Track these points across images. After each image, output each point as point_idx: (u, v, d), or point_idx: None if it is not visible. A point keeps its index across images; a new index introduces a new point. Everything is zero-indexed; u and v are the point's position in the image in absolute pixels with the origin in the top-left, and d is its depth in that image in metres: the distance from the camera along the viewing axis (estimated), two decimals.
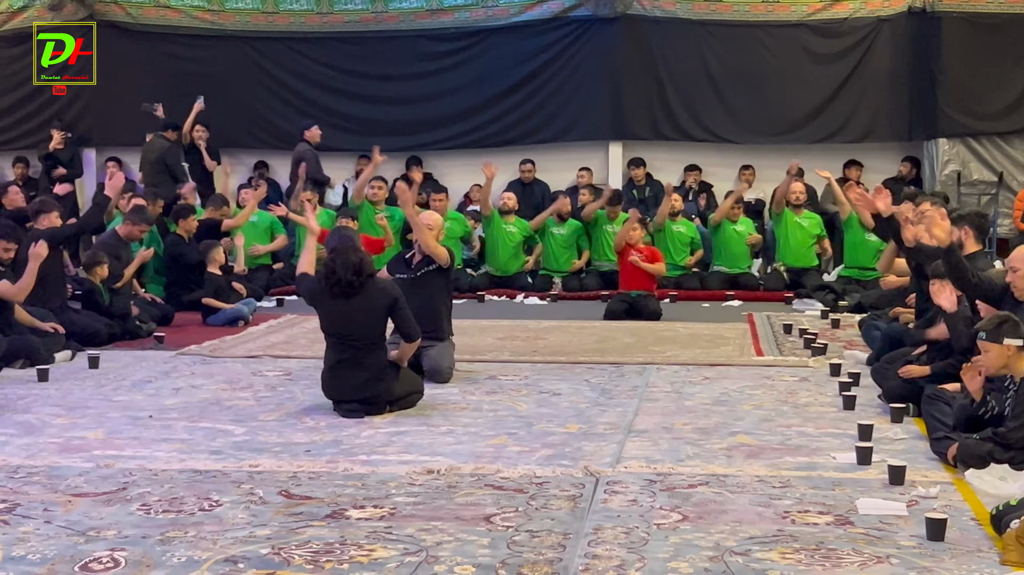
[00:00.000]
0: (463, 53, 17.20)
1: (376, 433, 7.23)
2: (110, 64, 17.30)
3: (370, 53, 17.25)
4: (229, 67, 17.26)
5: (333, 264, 7.79)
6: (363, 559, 4.84)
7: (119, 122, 16.95)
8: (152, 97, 16.57)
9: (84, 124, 17.46)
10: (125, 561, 4.82)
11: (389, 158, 17.09)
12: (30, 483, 6.05)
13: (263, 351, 10.34)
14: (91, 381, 8.99)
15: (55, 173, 16.66)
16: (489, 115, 16.99)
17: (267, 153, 17.50)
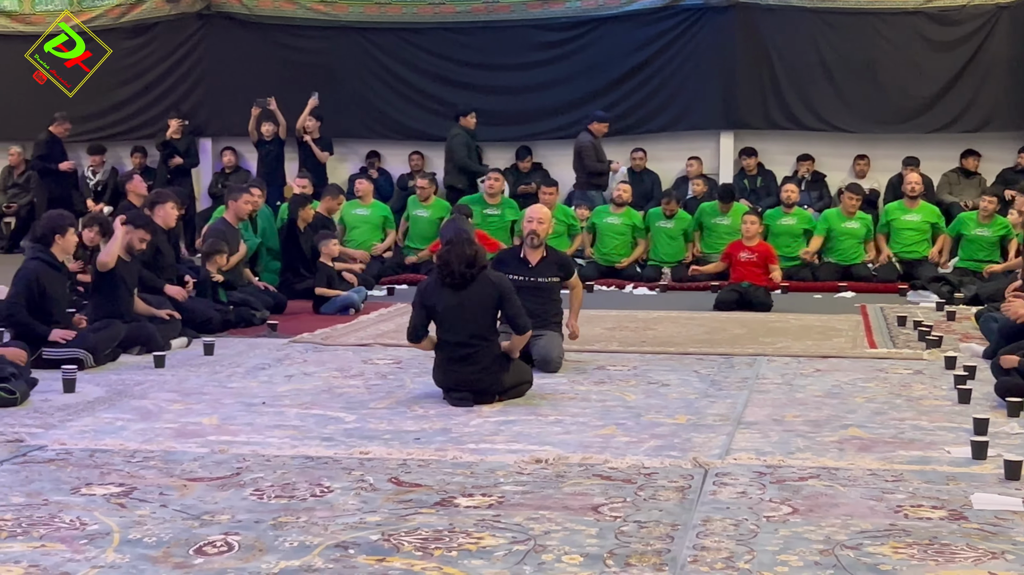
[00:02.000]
0: (574, 42, 17.18)
1: (485, 422, 7.26)
2: (225, 55, 17.58)
3: (481, 43, 17.31)
4: (342, 58, 17.43)
5: (447, 255, 7.84)
6: (471, 547, 4.87)
7: (234, 112, 17.19)
8: (266, 88, 16.78)
9: (200, 114, 17.75)
10: (238, 545, 4.89)
11: (499, 148, 17.20)
12: (147, 467, 6.17)
13: (374, 339, 10.42)
14: (206, 368, 9.13)
15: (172, 162, 16.95)
16: (600, 104, 16.94)
17: (379, 143, 17.64)
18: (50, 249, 9.21)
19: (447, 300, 7.82)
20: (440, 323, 7.91)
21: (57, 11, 18.10)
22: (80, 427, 7.08)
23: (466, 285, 7.78)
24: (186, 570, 4.58)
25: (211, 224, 13.03)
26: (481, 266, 7.84)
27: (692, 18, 16.84)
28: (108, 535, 5.00)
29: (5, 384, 7.65)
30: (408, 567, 4.62)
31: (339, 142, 17.20)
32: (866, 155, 16.61)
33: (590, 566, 4.64)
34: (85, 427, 7.08)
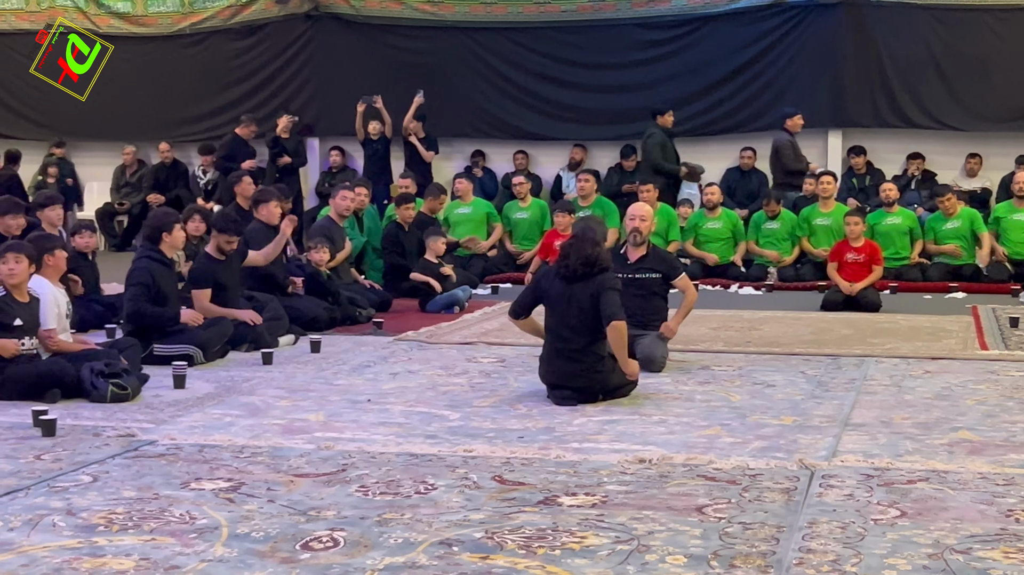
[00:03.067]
0: (680, 41, 17.09)
1: (588, 421, 7.25)
2: (333, 55, 17.76)
3: (586, 42, 17.29)
4: (448, 57, 17.51)
5: (569, 248, 7.84)
6: (575, 546, 4.86)
7: (341, 112, 17.35)
8: (372, 88, 16.92)
9: (309, 114, 17.94)
10: (344, 541, 4.93)
11: (603, 147, 17.17)
12: (254, 463, 6.25)
13: (478, 338, 10.46)
14: (312, 365, 9.23)
15: (280, 161, 17.15)
16: (706, 103, 16.85)
17: (484, 142, 17.70)
18: (159, 246, 9.38)
19: (559, 290, 7.82)
20: (549, 313, 7.91)
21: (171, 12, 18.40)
22: (190, 423, 7.20)
23: (580, 280, 7.77)
24: (292, 565, 4.63)
25: (317, 222, 13.16)
26: (600, 268, 7.80)
27: (799, 15, 16.67)
28: (216, 529, 5.08)
29: (117, 380, 7.80)
30: (511, 565, 4.63)
31: (444, 141, 17.29)
32: (978, 153, 16.33)
33: (694, 567, 4.61)
34: (195, 423, 7.20)
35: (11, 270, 7.83)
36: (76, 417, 7.29)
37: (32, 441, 6.68)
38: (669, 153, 15.78)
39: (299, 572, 4.55)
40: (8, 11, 18.89)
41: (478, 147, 17.70)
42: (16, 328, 7.83)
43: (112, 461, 6.25)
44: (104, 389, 7.74)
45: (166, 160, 17.98)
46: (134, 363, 8.30)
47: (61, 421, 6.96)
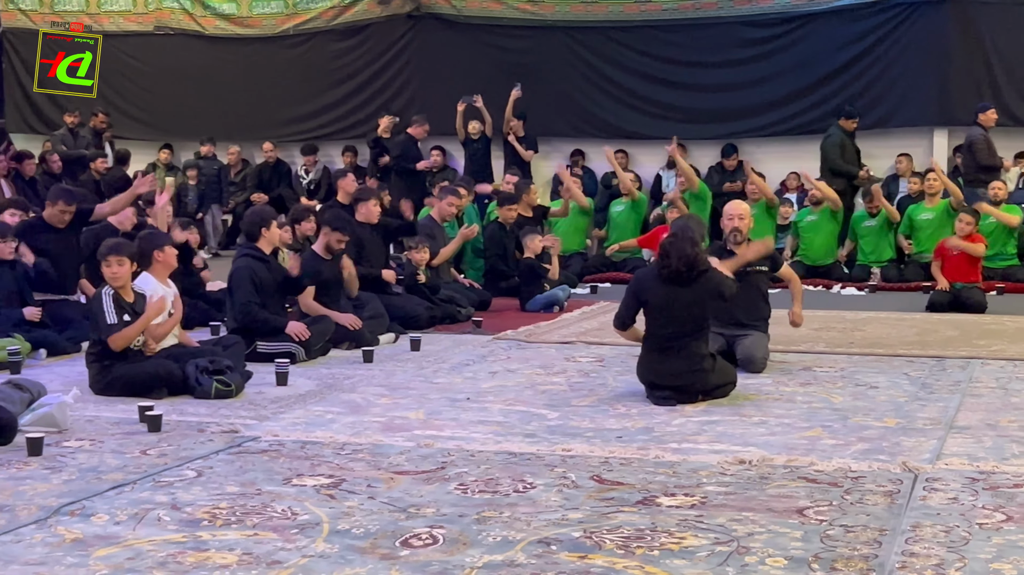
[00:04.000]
0: (782, 39, 16.94)
1: (688, 421, 7.22)
2: (434, 55, 17.84)
3: (688, 40, 17.20)
4: (548, 57, 17.51)
5: (669, 247, 7.79)
6: (673, 546, 4.85)
7: (442, 112, 17.42)
8: (473, 87, 16.98)
9: (410, 114, 18.03)
10: (443, 538, 4.96)
11: (704, 146, 17.08)
12: (355, 460, 6.30)
13: (577, 337, 10.46)
14: (412, 363, 9.28)
15: (381, 161, 17.27)
16: (808, 102, 16.68)
17: (583, 141, 17.67)
18: (256, 243, 9.50)
19: (660, 293, 7.77)
20: (650, 315, 7.87)
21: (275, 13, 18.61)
22: (292, 419, 7.28)
23: (683, 284, 7.73)
24: (392, 562, 4.67)
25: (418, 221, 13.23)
26: (701, 269, 7.76)
27: (904, 13, 16.44)
28: (318, 525, 5.13)
29: (221, 376, 7.91)
30: (610, 565, 4.63)
31: (544, 140, 17.30)
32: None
33: (794, 569, 4.57)
34: (297, 419, 7.28)
35: (114, 273, 7.99)
36: (181, 413, 7.41)
37: (138, 436, 6.80)
38: (849, 154, 15.63)
39: (399, 569, 4.58)
40: (116, 13, 19.23)
41: (577, 146, 17.68)
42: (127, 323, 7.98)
43: (216, 457, 6.34)
44: (208, 386, 7.86)
45: (270, 160, 18.19)
46: (238, 360, 8.41)
47: (166, 417, 7.07)
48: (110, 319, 7.91)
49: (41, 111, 19.21)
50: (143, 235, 9.18)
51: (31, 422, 6.82)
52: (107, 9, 19.23)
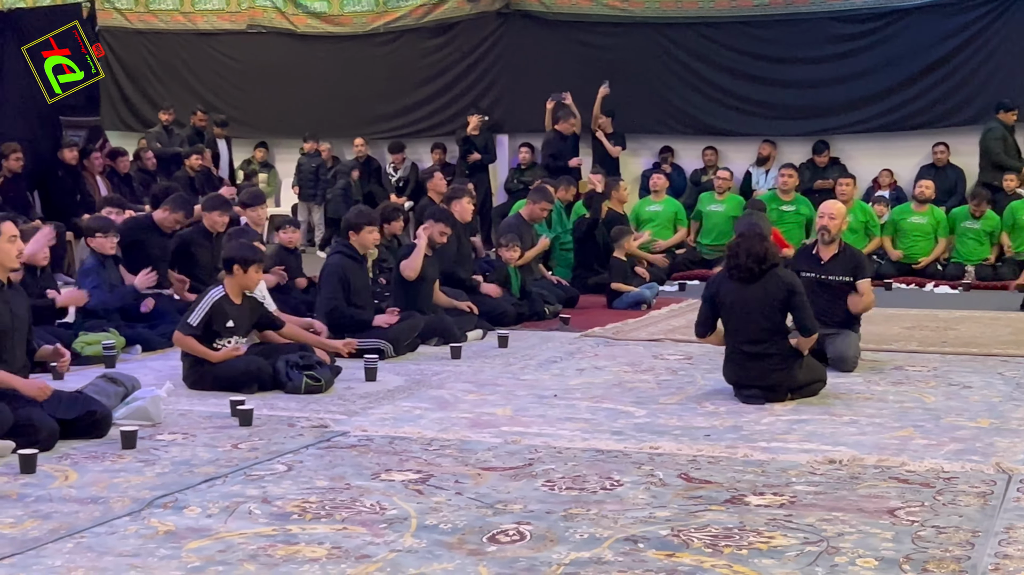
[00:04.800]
0: (874, 35, 16.73)
1: (777, 420, 7.16)
2: (523, 52, 17.85)
3: (778, 36, 17.04)
4: (638, 53, 17.44)
5: (737, 248, 7.76)
6: (762, 546, 4.81)
7: (531, 109, 17.43)
8: (562, 84, 16.97)
9: (498, 111, 18.07)
10: (530, 535, 4.97)
11: (795, 143, 16.93)
12: (443, 455, 6.33)
13: (665, 335, 10.42)
14: (500, 359, 9.30)
15: (470, 158, 17.32)
16: (900, 98, 16.46)
17: (672, 138, 17.60)
18: (350, 242, 9.58)
19: (734, 294, 7.74)
20: (727, 318, 7.84)
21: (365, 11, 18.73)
22: (381, 415, 7.33)
23: (754, 280, 7.69)
24: (480, 557, 4.68)
25: (506, 219, 13.26)
26: (771, 263, 7.71)
27: (1000, 8, 16.15)
28: (406, 520, 5.16)
29: (311, 372, 7.98)
30: (697, 563, 4.61)
31: (632, 137, 17.24)
32: None
33: (885, 570, 4.53)
34: (385, 415, 7.32)
35: (252, 280, 8.15)
36: (272, 407, 7.49)
37: (230, 430, 6.88)
38: (1011, 149, 15.43)
39: (486, 564, 4.60)
40: (210, 11, 19.47)
41: (666, 143, 17.61)
42: (228, 328, 8.10)
43: (306, 451, 6.40)
44: (299, 381, 7.93)
45: (360, 157, 18.31)
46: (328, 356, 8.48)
47: (257, 411, 7.15)
48: (193, 319, 8.04)
49: (136, 109, 19.49)
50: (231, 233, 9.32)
51: (125, 415, 6.93)
52: (201, 8, 19.47)
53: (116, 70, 19.42)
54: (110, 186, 15.24)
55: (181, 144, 17.36)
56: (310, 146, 18.41)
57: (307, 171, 18.44)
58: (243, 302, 8.24)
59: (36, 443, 6.18)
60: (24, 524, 5.09)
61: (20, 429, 6.28)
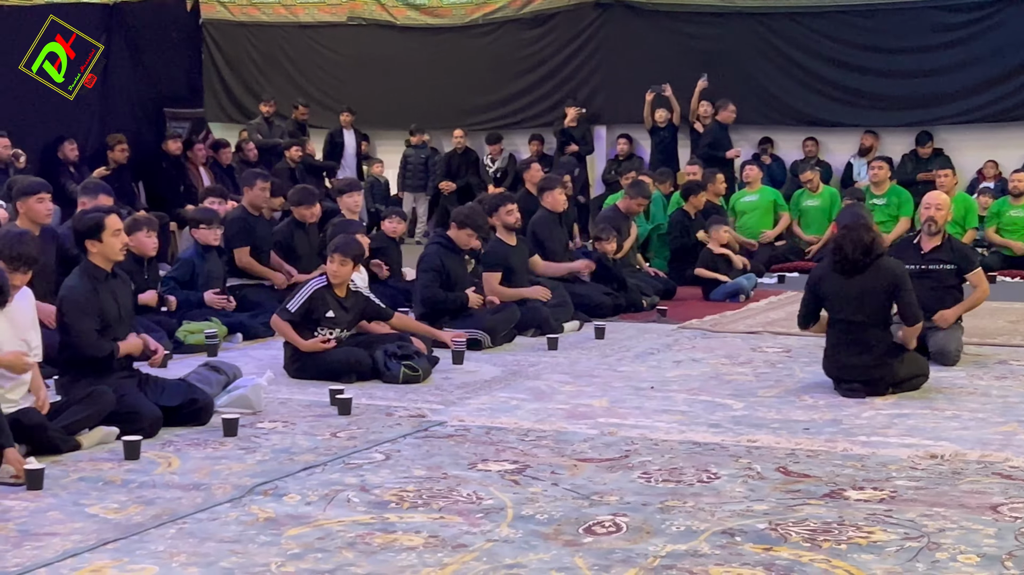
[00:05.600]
0: (980, 23, 16.43)
1: (877, 414, 7.08)
2: (621, 43, 17.80)
3: (881, 26, 16.80)
4: (736, 44, 17.30)
5: (842, 240, 7.67)
6: (861, 541, 4.77)
7: (629, 100, 17.37)
8: (660, 75, 16.90)
9: (596, 102, 18.04)
10: (626, 526, 4.96)
11: (897, 133, 16.70)
12: (539, 446, 6.34)
13: (763, 327, 10.34)
14: (596, 351, 9.30)
15: (567, 150, 17.31)
16: (1006, 88, 16.16)
17: (772, 129, 17.45)
18: (449, 234, 9.62)
19: (839, 286, 7.67)
20: (831, 309, 7.76)
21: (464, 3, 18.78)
22: (478, 405, 7.36)
23: (860, 271, 7.60)
24: (576, 548, 4.69)
25: (603, 211, 13.24)
26: (877, 254, 7.63)
27: None
28: (502, 510, 5.18)
29: (409, 362, 8.03)
30: (795, 558, 4.58)
31: (732, 128, 17.08)
32: None
33: (987, 567, 4.46)
34: (482, 405, 7.35)
35: (335, 272, 8.18)
36: (370, 397, 7.55)
37: (329, 419, 6.95)
38: None
39: (582, 555, 4.60)
40: (311, 4, 19.63)
41: (766, 134, 17.47)
42: (328, 319, 8.17)
43: (403, 440, 6.45)
44: (396, 371, 7.99)
45: (458, 148, 18.37)
46: (425, 346, 8.54)
47: (356, 400, 7.22)
48: (292, 305, 8.13)
49: (239, 100, 19.72)
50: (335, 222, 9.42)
51: (227, 403, 7.03)
52: (302, 0, 19.64)
53: (219, 62, 19.66)
54: (212, 177, 15.46)
55: (282, 135, 17.55)
56: (417, 138, 18.50)
57: (414, 163, 18.54)
58: (347, 295, 8.30)
59: (140, 430, 6.30)
60: (128, 509, 5.18)
61: (124, 416, 6.41)
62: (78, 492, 5.46)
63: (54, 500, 5.32)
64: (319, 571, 4.43)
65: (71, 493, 5.44)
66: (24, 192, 8.64)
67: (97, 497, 5.38)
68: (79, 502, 5.30)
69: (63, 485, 5.56)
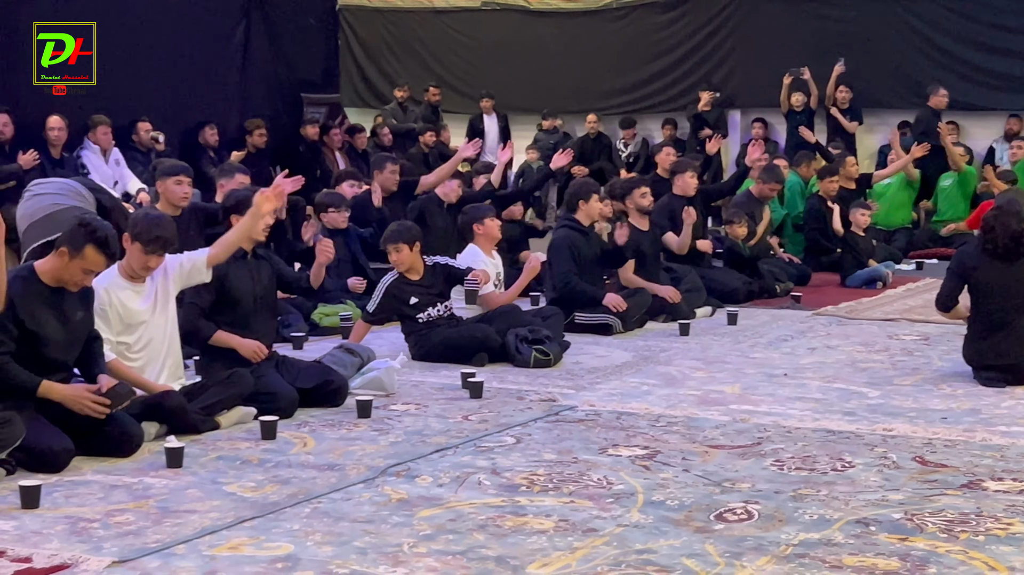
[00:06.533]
0: None
1: (1018, 404, 6.93)
2: (756, 26, 17.58)
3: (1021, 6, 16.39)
4: (875, 26, 16.97)
5: (993, 221, 7.49)
6: (999, 532, 4.68)
7: (764, 84, 17.17)
8: (796, 59, 16.67)
9: (731, 86, 17.86)
10: (758, 514, 4.93)
11: None
12: (670, 432, 6.32)
13: (900, 314, 10.18)
14: (729, 337, 9.23)
15: (701, 134, 17.19)
16: None
17: (911, 113, 17.11)
18: (575, 215, 9.62)
19: (985, 270, 7.48)
20: (975, 294, 7.58)
21: None
22: (608, 390, 7.35)
23: (1012, 259, 7.42)
24: (706, 534, 4.67)
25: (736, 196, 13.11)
26: None
27: None
28: (632, 496, 5.18)
29: (540, 346, 8.06)
30: (931, 548, 4.50)
31: (869, 112, 16.82)
32: None
33: None
34: (613, 390, 7.35)
35: (395, 260, 8.24)
36: (501, 380, 7.59)
37: (460, 402, 7.00)
38: None
39: (713, 542, 4.58)
40: None
41: (904, 117, 17.13)
42: (414, 305, 8.24)
43: (534, 424, 6.47)
44: (528, 355, 8.02)
45: (591, 132, 18.33)
46: (556, 331, 8.55)
47: (487, 384, 7.26)
48: (371, 307, 8.29)
49: (374, 85, 19.89)
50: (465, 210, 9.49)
51: (361, 385, 7.12)
52: None
53: (355, 48, 19.83)
54: (348, 162, 15.66)
55: (416, 121, 17.68)
56: (549, 123, 18.50)
57: (545, 147, 18.54)
58: (424, 275, 8.35)
59: (277, 410, 6.41)
60: (264, 488, 5.28)
61: (262, 396, 6.53)
62: (216, 471, 5.57)
63: (193, 478, 5.44)
64: (450, 552, 4.47)
65: (210, 472, 5.56)
66: (164, 173, 8.83)
67: (234, 476, 5.49)
68: (217, 480, 5.41)
69: (202, 464, 5.68)
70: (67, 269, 5.75)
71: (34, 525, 4.76)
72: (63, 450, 5.52)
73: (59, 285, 5.79)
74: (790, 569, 4.32)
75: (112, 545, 4.52)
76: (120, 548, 4.48)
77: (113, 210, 7.83)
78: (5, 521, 4.79)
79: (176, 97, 14.85)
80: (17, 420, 5.38)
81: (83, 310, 5.91)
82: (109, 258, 5.86)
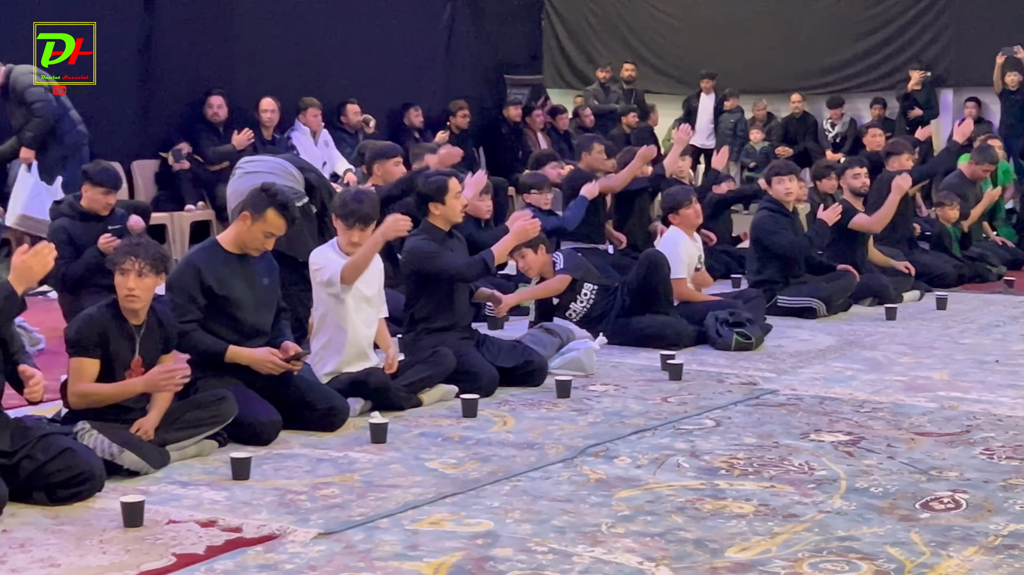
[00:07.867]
0: None
1: None
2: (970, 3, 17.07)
3: None
4: None
5: None
6: None
7: (979, 63, 16.65)
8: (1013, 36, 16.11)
9: (942, 64, 17.38)
10: (966, 503, 4.80)
11: None
12: (874, 418, 6.20)
13: None
14: (938, 322, 9.01)
15: (911, 114, 16.77)
16: None
17: None
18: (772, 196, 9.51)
19: None
20: None
21: None
22: (811, 374, 7.25)
23: None
24: (911, 523, 4.57)
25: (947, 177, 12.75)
26: None
27: None
28: (835, 482, 5.10)
29: (741, 329, 7.98)
30: None
31: None
32: None
33: None
34: (816, 374, 7.24)
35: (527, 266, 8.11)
36: (701, 363, 7.54)
37: (659, 384, 6.98)
38: None
39: (918, 531, 4.48)
40: None
41: None
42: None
43: (734, 407, 6.42)
44: (728, 337, 7.96)
45: (796, 112, 18.05)
46: (758, 313, 8.45)
47: (686, 366, 7.22)
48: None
49: (575, 66, 19.92)
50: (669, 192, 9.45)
51: (560, 366, 7.16)
52: None
53: (558, 29, 19.87)
54: (550, 143, 15.69)
55: (617, 101, 17.64)
56: (731, 103, 18.28)
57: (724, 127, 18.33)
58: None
59: (478, 389, 6.49)
60: (465, 466, 5.35)
61: (463, 375, 6.61)
62: (419, 447, 5.67)
63: (396, 454, 5.54)
64: (648, 534, 4.47)
65: (412, 448, 5.66)
66: (381, 155, 8.95)
67: (436, 452, 5.58)
68: (420, 456, 5.50)
69: (405, 439, 5.79)
70: (249, 232, 5.95)
71: (244, 496, 4.91)
72: (271, 422, 5.69)
73: (242, 251, 5.99)
74: (998, 560, 4.21)
75: (318, 517, 4.64)
76: (326, 520, 4.60)
77: (319, 188, 7.98)
78: (217, 491, 4.96)
79: (382, 79, 15.08)
80: (231, 398, 5.57)
81: (268, 277, 6.10)
82: (289, 222, 6.02)
